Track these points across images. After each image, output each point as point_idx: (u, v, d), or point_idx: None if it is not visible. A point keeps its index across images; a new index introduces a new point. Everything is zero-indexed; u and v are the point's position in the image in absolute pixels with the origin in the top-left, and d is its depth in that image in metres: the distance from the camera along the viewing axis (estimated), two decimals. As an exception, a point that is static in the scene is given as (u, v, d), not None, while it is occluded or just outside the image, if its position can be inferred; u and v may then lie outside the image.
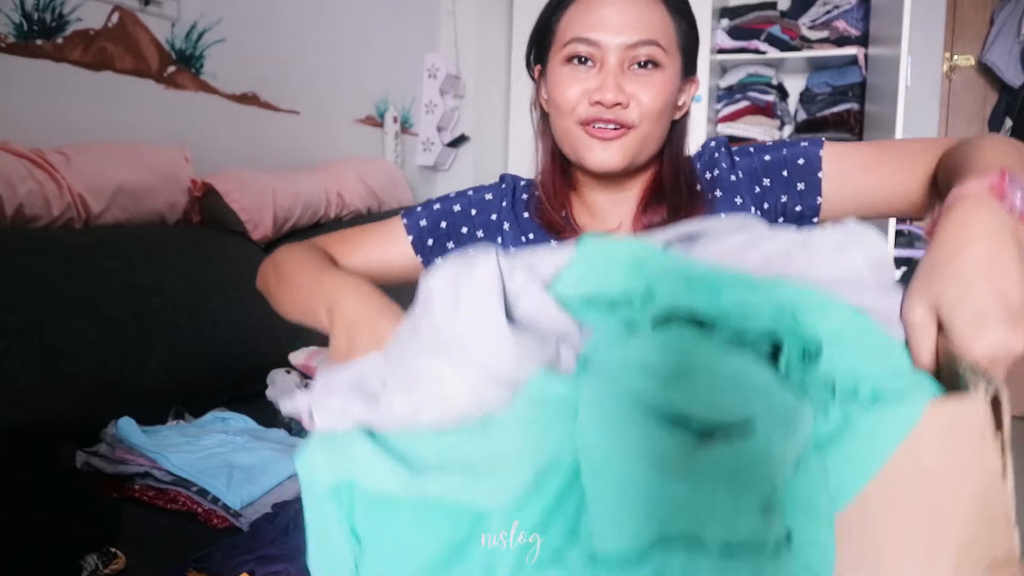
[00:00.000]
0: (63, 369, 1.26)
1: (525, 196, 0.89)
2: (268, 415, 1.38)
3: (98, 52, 1.73)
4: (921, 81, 3.15)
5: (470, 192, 0.90)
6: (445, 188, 3.12)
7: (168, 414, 1.33)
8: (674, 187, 0.83)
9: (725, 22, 3.24)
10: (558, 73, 0.80)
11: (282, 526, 0.94)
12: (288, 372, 1.45)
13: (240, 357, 1.58)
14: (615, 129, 0.77)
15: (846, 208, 0.81)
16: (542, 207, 0.85)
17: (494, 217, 0.89)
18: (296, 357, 1.56)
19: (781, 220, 0.83)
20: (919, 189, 0.75)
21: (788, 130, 3.31)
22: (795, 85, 3.36)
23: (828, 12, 3.15)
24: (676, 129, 0.85)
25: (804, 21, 3.20)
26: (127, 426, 1.17)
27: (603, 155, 0.77)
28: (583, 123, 0.78)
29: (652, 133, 0.79)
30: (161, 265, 1.55)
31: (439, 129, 2.96)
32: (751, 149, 0.85)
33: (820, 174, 0.80)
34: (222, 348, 1.55)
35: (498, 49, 3.17)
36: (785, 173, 0.82)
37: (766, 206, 0.83)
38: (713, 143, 0.89)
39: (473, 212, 0.89)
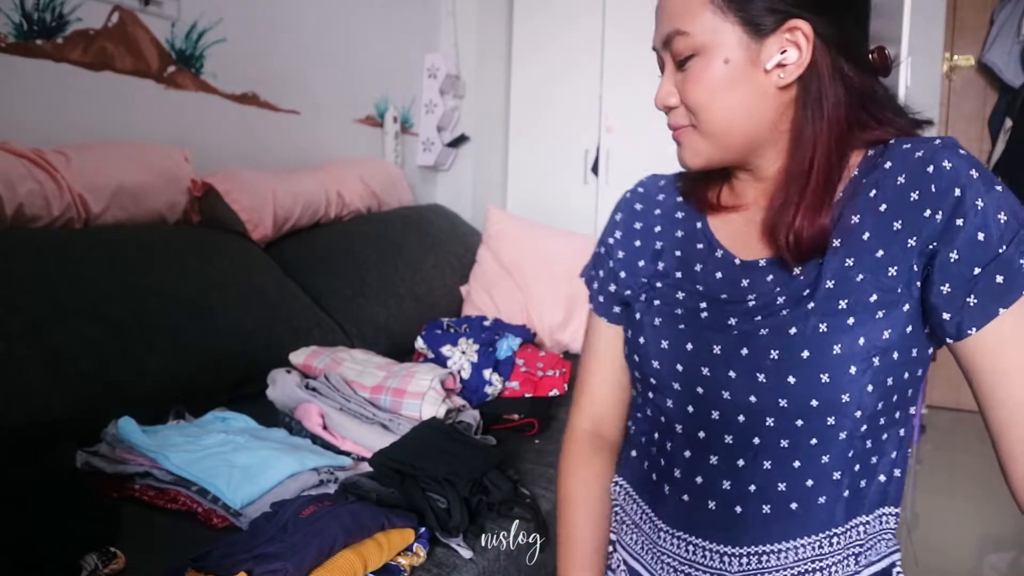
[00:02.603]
0: (63, 369, 1.26)
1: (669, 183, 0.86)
2: (268, 415, 1.37)
3: (98, 52, 1.73)
4: (921, 81, 3.15)
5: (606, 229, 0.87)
6: (445, 188, 3.12)
7: (168, 414, 1.33)
8: (799, 176, 0.69)
9: (725, 22, 3.23)
10: None
11: (280, 524, 0.94)
12: (288, 372, 1.45)
13: (240, 357, 1.58)
14: (677, 131, 0.75)
15: (973, 362, 0.64)
16: (692, 186, 0.82)
17: (639, 226, 0.84)
18: (296, 357, 1.56)
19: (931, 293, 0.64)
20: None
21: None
22: (795, 85, 3.35)
23: (828, 12, 3.14)
24: (807, 92, 0.68)
25: (804, 21, 3.19)
26: (127, 426, 1.17)
27: (680, 156, 0.76)
28: None
29: (719, 121, 0.70)
30: (161, 265, 1.55)
31: (439, 129, 2.96)
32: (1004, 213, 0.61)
33: (1002, 311, 0.61)
34: (222, 348, 1.54)
35: (498, 49, 3.16)
36: (977, 271, 0.62)
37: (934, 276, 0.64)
38: (948, 163, 0.63)
39: (618, 235, 0.84)
